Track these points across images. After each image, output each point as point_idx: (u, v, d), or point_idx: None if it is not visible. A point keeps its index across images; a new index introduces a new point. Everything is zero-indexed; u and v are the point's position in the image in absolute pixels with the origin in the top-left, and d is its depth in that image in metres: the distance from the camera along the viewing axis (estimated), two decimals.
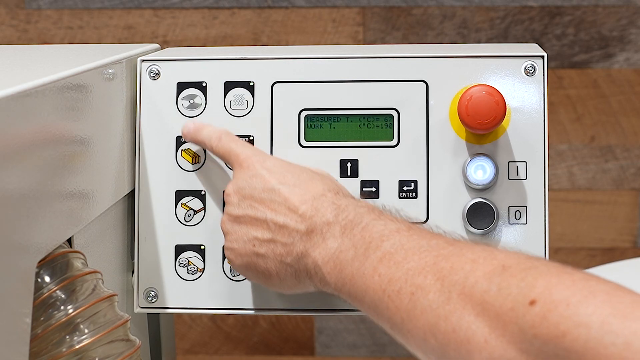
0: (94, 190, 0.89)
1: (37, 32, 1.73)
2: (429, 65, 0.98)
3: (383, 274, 0.78)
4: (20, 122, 0.71)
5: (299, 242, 0.87)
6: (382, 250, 0.79)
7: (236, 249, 0.92)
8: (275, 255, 0.89)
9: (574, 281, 0.66)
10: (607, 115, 1.71)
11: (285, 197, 0.89)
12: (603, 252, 1.73)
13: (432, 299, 0.73)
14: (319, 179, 0.90)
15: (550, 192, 1.68)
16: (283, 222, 0.88)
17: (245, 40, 1.72)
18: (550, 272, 0.68)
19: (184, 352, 1.81)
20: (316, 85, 0.99)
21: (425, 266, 0.75)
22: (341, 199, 0.88)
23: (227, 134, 0.96)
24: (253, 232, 0.90)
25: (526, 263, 0.70)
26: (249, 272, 0.92)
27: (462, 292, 0.71)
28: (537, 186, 0.97)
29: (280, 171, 0.91)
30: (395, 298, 0.75)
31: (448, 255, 0.75)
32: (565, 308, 0.64)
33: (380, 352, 1.79)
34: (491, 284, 0.69)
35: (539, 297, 0.66)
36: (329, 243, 0.84)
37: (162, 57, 1.01)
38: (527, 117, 0.97)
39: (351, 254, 0.82)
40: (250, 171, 0.92)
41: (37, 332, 0.78)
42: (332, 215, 0.86)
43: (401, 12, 1.70)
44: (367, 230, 0.82)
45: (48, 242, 0.77)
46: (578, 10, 1.68)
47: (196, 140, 0.98)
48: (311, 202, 0.88)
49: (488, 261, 0.72)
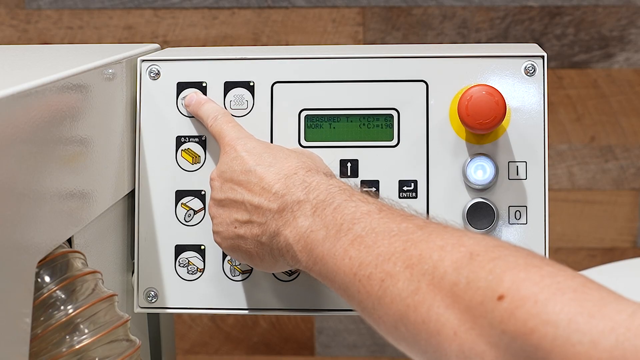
0: (94, 190, 0.89)
1: (37, 32, 1.73)
2: (429, 65, 0.98)
3: (354, 257, 0.78)
4: (20, 122, 0.71)
5: (272, 221, 0.87)
6: (353, 233, 0.79)
7: (221, 232, 0.92)
8: (252, 235, 0.89)
9: (542, 276, 0.66)
10: (607, 115, 1.71)
11: (261, 177, 0.89)
12: (603, 252, 1.73)
13: (402, 288, 0.73)
14: (294, 157, 0.91)
15: (550, 192, 1.68)
16: (258, 202, 0.89)
17: (245, 40, 1.72)
18: (518, 264, 0.68)
19: (184, 352, 1.81)
20: (316, 85, 0.99)
21: (394, 252, 0.75)
22: (312, 176, 0.88)
23: (224, 114, 0.97)
24: (234, 214, 0.91)
25: (494, 252, 0.70)
26: (235, 254, 0.93)
27: (431, 283, 0.71)
28: (537, 186, 0.97)
29: (258, 152, 0.91)
30: (366, 283, 0.76)
31: (417, 240, 0.75)
32: (533, 305, 0.64)
33: (380, 352, 1.79)
34: (460, 275, 0.69)
35: (507, 292, 0.66)
36: (299, 221, 0.85)
37: (162, 57, 1.01)
38: (527, 117, 0.97)
39: (322, 234, 0.82)
40: (232, 154, 0.92)
41: (37, 332, 0.78)
42: (303, 193, 0.86)
43: (401, 12, 1.70)
44: (338, 211, 0.82)
45: (48, 242, 0.77)
46: (578, 10, 1.68)
47: (196, 114, 0.99)
48: (284, 181, 0.88)
49: (456, 248, 0.72)
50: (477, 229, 0.96)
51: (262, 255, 0.90)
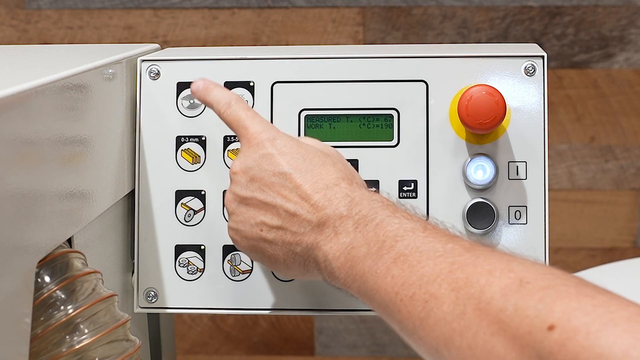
0: (94, 190, 0.89)
1: (37, 32, 1.73)
2: (429, 65, 0.98)
3: (396, 275, 0.76)
4: (20, 122, 0.71)
5: (310, 233, 0.84)
6: (396, 251, 0.77)
7: (242, 231, 0.89)
8: (284, 243, 0.86)
9: (595, 306, 0.63)
10: (607, 115, 1.70)
11: (297, 184, 0.86)
12: (603, 252, 1.73)
13: (447, 311, 0.71)
14: (331, 164, 0.87)
15: (550, 192, 1.68)
16: (294, 210, 0.86)
17: (245, 40, 1.72)
18: (569, 293, 0.65)
19: (184, 352, 1.81)
20: (316, 85, 0.99)
21: (440, 273, 0.73)
22: (355, 190, 0.85)
23: (238, 100, 0.92)
24: (261, 216, 0.88)
25: (544, 280, 0.67)
26: (254, 255, 0.90)
27: (478, 308, 0.69)
28: (537, 186, 0.97)
29: (290, 152, 0.88)
30: (408, 303, 0.74)
31: (464, 263, 0.72)
32: (585, 337, 0.62)
33: (380, 352, 1.79)
34: (507, 302, 0.67)
35: (558, 322, 0.63)
36: (341, 238, 0.82)
37: (162, 57, 1.01)
38: (527, 117, 0.97)
39: (364, 251, 0.79)
40: (260, 150, 0.88)
41: (37, 332, 0.78)
42: (346, 208, 0.83)
43: (401, 12, 1.70)
44: (381, 227, 0.80)
45: (48, 242, 0.77)
46: (578, 10, 1.68)
47: (204, 100, 0.94)
48: (324, 192, 0.85)
49: (505, 274, 0.69)
50: (476, 229, 0.96)
51: (290, 263, 0.87)
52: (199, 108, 1.00)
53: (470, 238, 0.97)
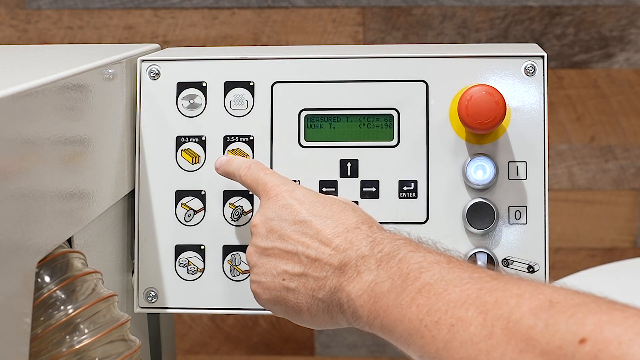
0: (94, 190, 0.89)
1: (37, 32, 1.73)
2: (429, 65, 0.98)
3: (422, 304, 0.74)
4: (20, 122, 0.71)
5: (332, 276, 0.84)
6: (421, 281, 0.76)
7: (264, 283, 0.88)
8: (306, 289, 0.85)
9: (626, 317, 0.63)
10: (607, 115, 1.70)
11: (318, 230, 0.86)
12: (603, 252, 1.73)
13: (474, 332, 0.70)
14: (350, 210, 0.87)
15: (550, 192, 1.68)
16: (315, 255, 0.85)
17: (245, 40, 1.72)
18: (600, 309, 0.65)
19: (184, 352, 1.81)
20: (316, 85, 0.99)
21: (467, 298, 0.72)
22: (376, 232, 0.84)
23: (257, 163, 0.94)
24: (283, 265, 0.87)
25: (575, 299, 0.67)
26: (277, 307, 0.89)
27: (506, 327, 0.68)
28: (537, 186, 0.97)
29: (310, 201, 0.88)
30: (433, 328, 0.72)
31: (492, 289, 0.72)
32: (617, 347, 0.61)
33: (380, 352, 1.79)
34: (538, 319, 0.66)
35: (589, 335, 0.63)
36: (364, 276, 0.81)
37: (162, 57, 1.01)
38: (527, 117, 0.97)
39: (387, 285, 0.78)
40: (279, 201, 0.89)
41: (37, 332, 0.78)
42: (368, 248, 0.82)
43: (401, 12, 1.70)
44: (404, 262, 0.78)
45: (48, 242, 0.77)
46: (578, 10, 1.68)
47: (227, 171, 0.96)
48: (345, 235, 0.85)
49: (534, 296, 0.69)
50: (477, 229, 0.96)
51: (314, 311, 0.86)
52: (199, 108, 1.00)
53: (471, 238, 0.97)
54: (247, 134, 0.99)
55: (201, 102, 1.00)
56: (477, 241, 0.97)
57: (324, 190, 0.98)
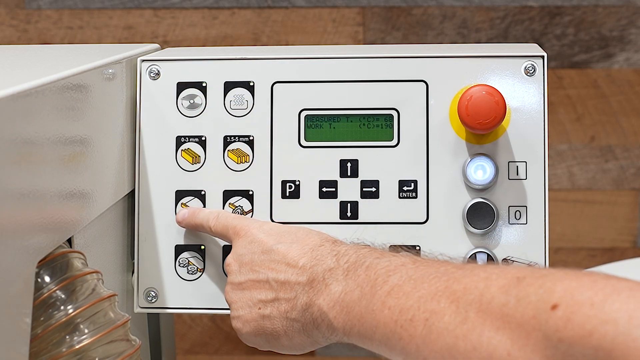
0: (94, 190, 0.89)
1: (37, 32, 1.73)
2: (429, 65, 0.98)
3: (393, 306, 0.76)
4: (20, 122, 0.71)
5: (302, 294, 0.85)
6: (390, 284, 0.77)
7: (242, 316, 0.90)
8: (280, 313, 0.87)
9: (594, 281, 0.65)
10: (607, 115, 1.70)
11: (284, 254, 0.88)
12: (603, 252, 1.73)
13: (448, 321, 0.71)
14: (315, 234, 0.89)
15: (550, 192, 1.68)
16: (284, 278, 0.87)
17: (245, 40, 1.72)
18: (568, 276, 0.66)
19: (184, 352, 1.81)
20: (316, 85, 0.99)
21: (437, 291, 0.73)
22: (340, 245, 0.86)
23: (223, 211, 0.96)
24: (257, 295, 0.89)
25: (541, 271, 0.69)
26: (258, 339, 0.90)
27: (480, 309, 0.69)
28: (537, 186, 0.97)
29: (277, 232, 0.90)
30: (409, 327, 0.74)
31: (459, 277, 0.73)
32: (589, 308, 0.63)
33: None
34: (509, 296, 0.68)
35: (561, 300, 0.65)
36: (332, 287, 0.82)
37: (162, 57, 1.01)
38: (527, 117, 0.97)
39: (357, 294, 0.80)
40: (248, 237, 0.91)
41: (37, 332, 0.78)
42: (333, 261, 0.84)
43: (401, 12, 1.70)
44: (371, 268, 0.80)
45: (48, 242, 0.77)
46: (578, 10, 1.68)
47: (193, 224, 0.97)
48: (310, 254, 0.86)
49: (501, 276, 0.70)
50: (476, 229, 0.96)
51: (291, 333, 0.87)
52: (199, 108, 1.00)
53: (471, 238, 0.97)
54: (247, 134, 0.99)
55: (201, 102, 1.00)
56: (477, 241, 0.97)
57: (324, 190, 0.98)
